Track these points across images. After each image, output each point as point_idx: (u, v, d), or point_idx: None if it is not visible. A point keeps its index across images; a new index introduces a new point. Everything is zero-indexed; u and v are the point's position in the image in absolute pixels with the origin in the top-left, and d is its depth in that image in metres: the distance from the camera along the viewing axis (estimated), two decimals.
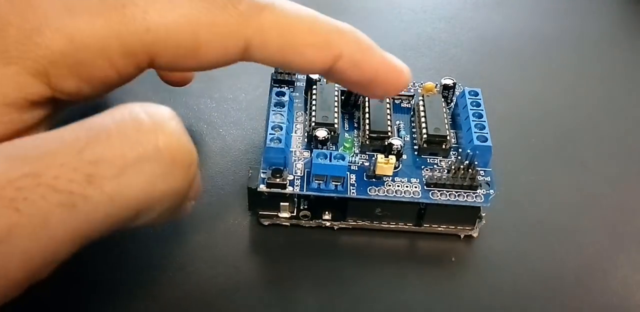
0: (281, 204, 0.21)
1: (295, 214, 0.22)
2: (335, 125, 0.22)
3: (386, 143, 0.21)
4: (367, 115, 0.22)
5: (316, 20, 0.17)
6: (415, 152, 0.22)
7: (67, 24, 0.15)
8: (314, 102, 0.22)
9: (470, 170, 0.21)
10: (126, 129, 0.14)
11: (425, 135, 0.22)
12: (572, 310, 0.20)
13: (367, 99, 0.23)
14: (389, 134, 0.22)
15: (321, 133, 0.21)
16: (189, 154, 0.14)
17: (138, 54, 0.16)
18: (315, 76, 0.23)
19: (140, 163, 0.14)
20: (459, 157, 0.21)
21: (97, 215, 0.13)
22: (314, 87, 0.23)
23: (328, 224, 0.22)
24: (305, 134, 0.22)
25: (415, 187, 0.21)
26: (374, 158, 0.21)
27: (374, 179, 0.21)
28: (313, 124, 0.22)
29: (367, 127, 0.22)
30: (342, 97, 0.23)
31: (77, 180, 0.13)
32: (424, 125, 0.22)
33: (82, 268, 0.20)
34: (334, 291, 0.20)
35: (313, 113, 0.22)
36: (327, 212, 0.22)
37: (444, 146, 0.22)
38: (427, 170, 0.21)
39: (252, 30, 0.16)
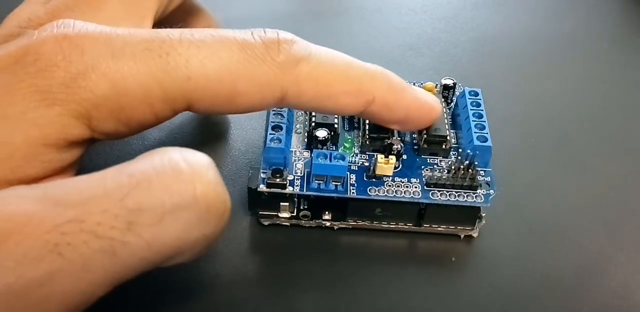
0: (281, 204, 0.21)
1: (295, 214, 0.22)
2: (335, 126, 0.22)
3: (386, 143, 0.21)
4: None
5: (349, 67, 0.18)
6: (415, 152, 0.22)
7: (112, 69, 0.15)
8: None
9: (470, 170, 0.21)
10: (166, 177, 0.14)
11: (425, 136, 0.22)
12: (572, 310, 0.20)
13: None
14: (389, 134, 0.22)
15: (321, 133, 0.21)
16: (223, 203, 0.15)
17: (177, 100, 0.16)
18: None
19: (177, 211, 0.14)
20: (459, 158, 0.21)
21: (134, 260, 0.14)
22: None
23: (328, 224, 0.22)
24: (305, 134, 0.22)
25: (415, 187, 0.21)
26: (374, 158, 0.21)
27: (374, 179, 0.21)
28: (313, 124, 0.22)
29: (367, 127, 0.22)
30: None
31: (118, 227, 0.13)
32: None
33: None
34: (334, 291, 0.20)
35: (313, 113, 0.22)
36: (327, 212, 0.22)
37: (444, 146, 0.22)
38: (427, 170, 0.21)
39: (288, 81, 0.17)
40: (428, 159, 0.22)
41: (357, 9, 0.34)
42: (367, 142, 0.22)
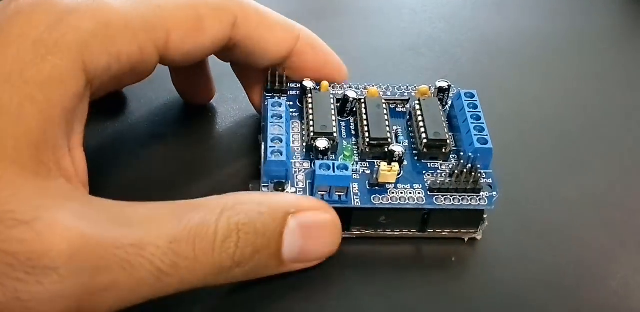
0: None
1: None
2: (335, 135, 0.21)
3: (386, 150, 0.21)
4: (365, 123, 0.22)
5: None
6: (415, 158, 0.22)
7: (93, 7, 0.17)
8: (310, 112, 0.22)
9: (472, 173, 0.20)
10: (206, 237, 0.17)
11: (425, 140, 0.22)
12: (572, 310, 0.21)
13: (363, 106, 0.23)
14: (389, 140, 0.21)
15: (322, 143, 0.21)
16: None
17: (157, 29, 0.19)
18: (309, 84, 0.23)
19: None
20: (460, 161, 0.21)
21: (169, 288, 0.17)
22: (309, 95, 0.23)
23: None
24: (304, 144, 0.22)
25: (419, 193, 0.21)
26: (375, 166, 0.21)
27: (376, 187, 0.21)
28: (312, 134, 0.21)
29: (366, 134, 0.22)
30: (338, 105, 0.23)
31: (165, 262, 0.16)
32: (422, 129, 0.22)
33: None
34: (338, 297, 0.20)
35: (311, 123, 0.22)
36: None
37: (444, 150, 0.22)
38: (429, 175, 0.21)
39: (237, 6, 0.21)
40: (428, 164, 0.22)
41: (358, 9, 0.34)
42: (367, 150, 0.22)
